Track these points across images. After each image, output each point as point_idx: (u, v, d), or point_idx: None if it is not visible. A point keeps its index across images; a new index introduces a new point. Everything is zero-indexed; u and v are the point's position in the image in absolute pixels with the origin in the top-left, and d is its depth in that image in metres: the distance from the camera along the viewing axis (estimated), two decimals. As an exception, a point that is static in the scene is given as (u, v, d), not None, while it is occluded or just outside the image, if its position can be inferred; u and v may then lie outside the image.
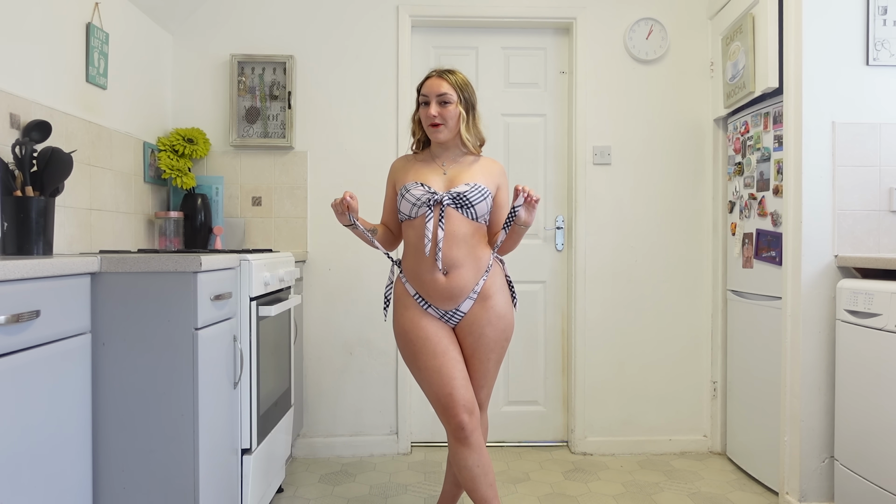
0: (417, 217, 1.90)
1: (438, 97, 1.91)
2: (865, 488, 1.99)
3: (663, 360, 3.08)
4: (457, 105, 1.92)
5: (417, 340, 1.89)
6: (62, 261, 1.40)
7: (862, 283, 2.06)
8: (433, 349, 1.88)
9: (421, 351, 1.88)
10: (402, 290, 1.96)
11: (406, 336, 1.92)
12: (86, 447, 1.53)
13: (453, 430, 1.85)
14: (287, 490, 2.57)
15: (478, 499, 1.86)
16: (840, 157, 2.27)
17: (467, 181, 1.92)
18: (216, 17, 3.01)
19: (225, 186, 2.99)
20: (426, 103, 1.93)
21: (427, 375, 1.87)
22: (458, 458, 1.85)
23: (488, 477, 1.86)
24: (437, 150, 2.00)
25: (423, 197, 1.88)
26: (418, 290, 1.92)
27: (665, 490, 2.58)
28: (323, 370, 3.02)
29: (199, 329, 1.62)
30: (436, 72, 1.96)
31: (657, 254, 3.08)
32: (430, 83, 1.94)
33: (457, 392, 1.84)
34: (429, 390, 1.88)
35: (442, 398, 1.85)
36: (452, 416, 1.84)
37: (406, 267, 1.95)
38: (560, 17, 3.06)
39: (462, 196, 1.88)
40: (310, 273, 3.02)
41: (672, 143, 3.08)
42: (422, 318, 1.91)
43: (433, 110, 1.90)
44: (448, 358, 1.88)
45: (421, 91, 1.95)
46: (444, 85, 1.91)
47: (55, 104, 2.09)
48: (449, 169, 1.97)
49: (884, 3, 2.26)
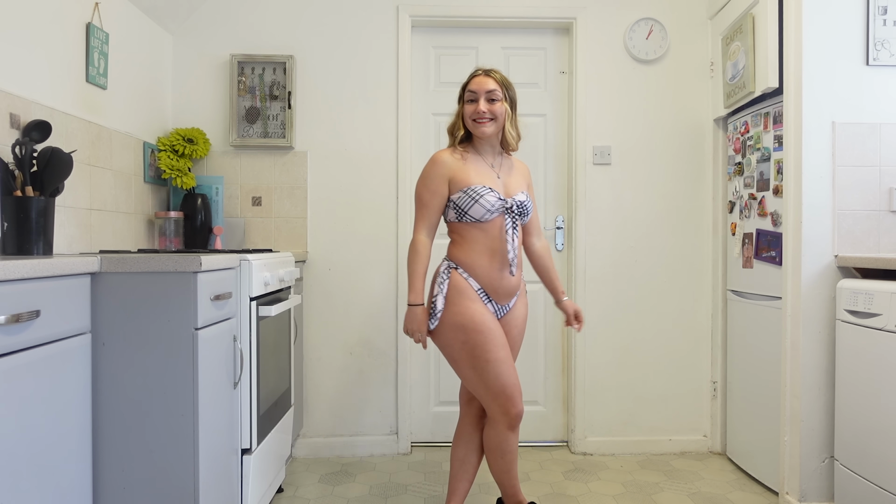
0: (489, 221, 2.01)
1: (487, 94, 2.01)
2: (865, 488, 1.99)
3: (663, 360, 3.08)
4: (503, 102, 2.03)
5: (486, 332, 1.97)
6: (62, 261, 1.40)
7: (862, 283, 2.06)
8: (500, 341, 1.98)
9: (489, 342, 1.96)
10: (463, 283, 2.01)
11: (470, 327, 1.97)
12: (86, 447, 1.53)
13: (512, 417, 1.99)
14: (287, 490, 2.57)
15: (511, 477, 2.08)
16: (840, 157, 2.27)
17: (517, 187, 2.10)
18: (216, 17, 3.01)
19: (225, 186, 2.99)
20: (473, 100, 2.03)
21: (493, 366, 1.96)
22: (507, 444, 2.03)
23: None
24: (481, 146, 2.09)
25: (497, 205, 2.00)
26: (485, 286, 2.02)
27: (665, 490, 2.58)
28: (323, 370, 3.02)
29: (199, 329, 1.62)
30: (482, 70, 2.07)
31: (657, 254, 3.08)
32: (477, 81, 2.04)
33: (518, 383, 2.01)
34: (494, 380, 1.96)
35: (507, 387, 1.97)
36: (514, 404, 1.98)
37: (471, 263, 2.02)
38: (560, 17, 3.06)
39: (523, 205, 2.06)
40: (310, 273, 3.02)
41: (672, 143, 3.08)
42: (486, 311, 2.00)
43: (483, 106, 2.00)
44: (508, 350, 2.01)
45: (467, 88, 2.05)
46: (491, 82, 2.02)
47: (55, 104, 2.09)
48: (500, 172, 2.10)
49: (884, 3, 2.26)
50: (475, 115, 2.01)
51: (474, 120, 2.02)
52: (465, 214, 2.00)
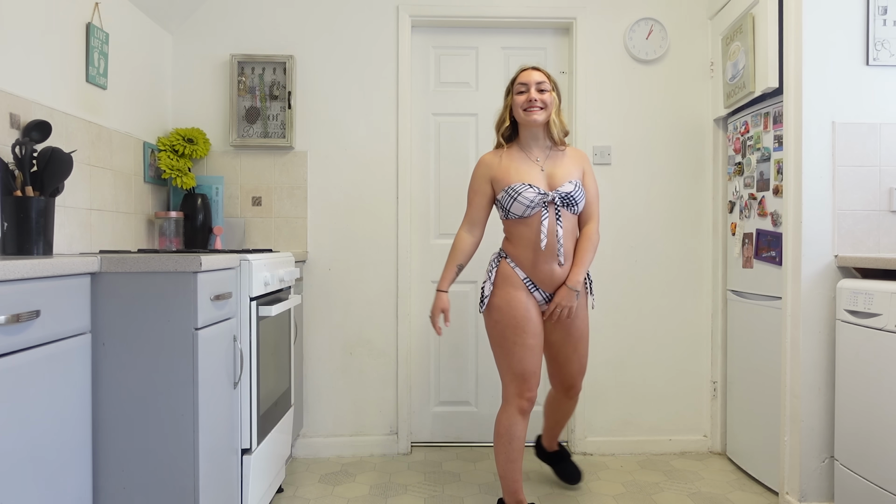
0: (531, 216, 2.13)
1: (538, 84, 2.16)
2: (865, 488, 1.99)
3: (663, 360, 3.08)
4: (551, 92, 2.18)
5: (523, 320, 2.13)
6: (62, 261, 1.40)
7: (862, 283, 2.06)
8: (534, 330, 2.15)
9: (523, 328, 2.13)
10: (510, 272, 2.18)
11: (510, 312, 2.13)
12: (86, 447, 1.53)
13: (526, 401, 2.14)
14: (287, 490, 2.57)
15: (514, 470, 2.16)
16: (840, 157, 2.27)
17: (565, 176, 2.17)
18: (216, 17, 3.01)
19: (225, 186, 3.00)
20: (523, 91, 2.17)
21: (520, 350, 2.13)
22: (516, 429, 2.14)
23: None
24: (528, 140, 2.21)
25: (536, 199, 2.11)
26: (531, 276, 2.17)
27: (665, 490, 2.58)
28: (323, 370, 3.02)
29: (199, 329, 1.62)
30: (530, 66, 2.24)
31: (657, 254, 3.08)
32: (527, 74, 2.20)
33: (538, 372, 2.17)
34: (517, 363, 2.13)
35: (527, 372, 2.13)
36: (529, 388, 2.14)
37: (518, 256, 2.17)
38: (560, 17, 3.06)
39: (569, 196, 2.14)
40: (310, 273, 3.02)
41: (672, 143, 3.08)
42: (528, 300, 2.17)
43: (534, 94, 2.14)
44: (539, 341, 2.18)
45: (517, 82, 2.20)
46: (540, 74, 2.19)
47: (55, 104, 2.09)
48: (544, 164, 2.19)
49: (884, 3, 2.26)
50: (526, 103, 2.14)
51: (525, 109, 2.15)
52: (508, 212, 2.15)
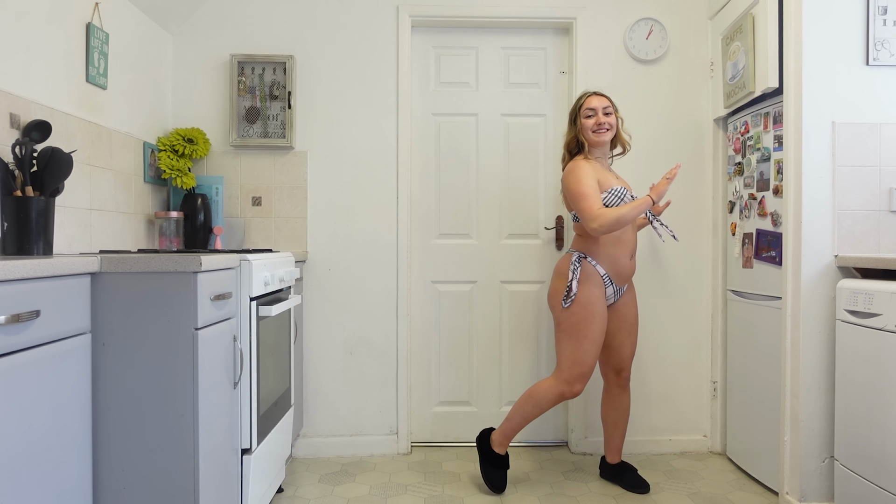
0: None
1: (604, 109, 2.46)
2: (865, 488, 1.99)
3: (663, 360, 3.08)
4: (615, 114, 2.49)
5: (598, 315, 2.41)
6: (62, 261, 1.40)
7: (862, 283, 2.06)
8: (604, 326, 2.43)
9: (597, 323, 2.40)
10: (591, 269, 2.43)
11: (592, 306, 2.40)
12: (86, 447, 1.53)
13: (571, 392, 2.41)
14: (287, 490, 2.57)
15: (513, 425, 2.49)
16: (840, 156, 2.27)
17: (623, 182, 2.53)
18: (216, 17, 3.01)
19: (225, 186, 3.00)
20: (590, 116, 2.45)
21: (588, 343, 2.39)
22: (545, 400, 2.43)
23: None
24: (596, 154, 2.51)
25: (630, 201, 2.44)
26: (610, 270, 2.44)
27: (665, 490, 2.58)
28: (323, 370, 3.02)
29: (199, 329, 1.62)
30: (593, 92, 2.51)
31: (657, 254, 3.08)
32: (593, 99, 2.47)
33: (593, 369, 2.43)
34: (582, 354, 2.39)
35: (587, 365, 2.40)
36: (580, 380, 2.41)
37: (603, 254, 2.43)
38: (560, 17, 3.06)
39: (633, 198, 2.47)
40: (310, 273, 3.02)
41: (672, 143, 3.08)
42: (603, 298, 2.43)
43: (602, 118, 2.44)
44: (604, 336, 2.46)
45: (585, 107, 2.47)
46: (605, 100, 2.48)
47: (55, 104, 2.09)
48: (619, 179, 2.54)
49: (884, 4, 2.26)
50: (595, 126, 2.44)
51: (594, 131, 2.44)
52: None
